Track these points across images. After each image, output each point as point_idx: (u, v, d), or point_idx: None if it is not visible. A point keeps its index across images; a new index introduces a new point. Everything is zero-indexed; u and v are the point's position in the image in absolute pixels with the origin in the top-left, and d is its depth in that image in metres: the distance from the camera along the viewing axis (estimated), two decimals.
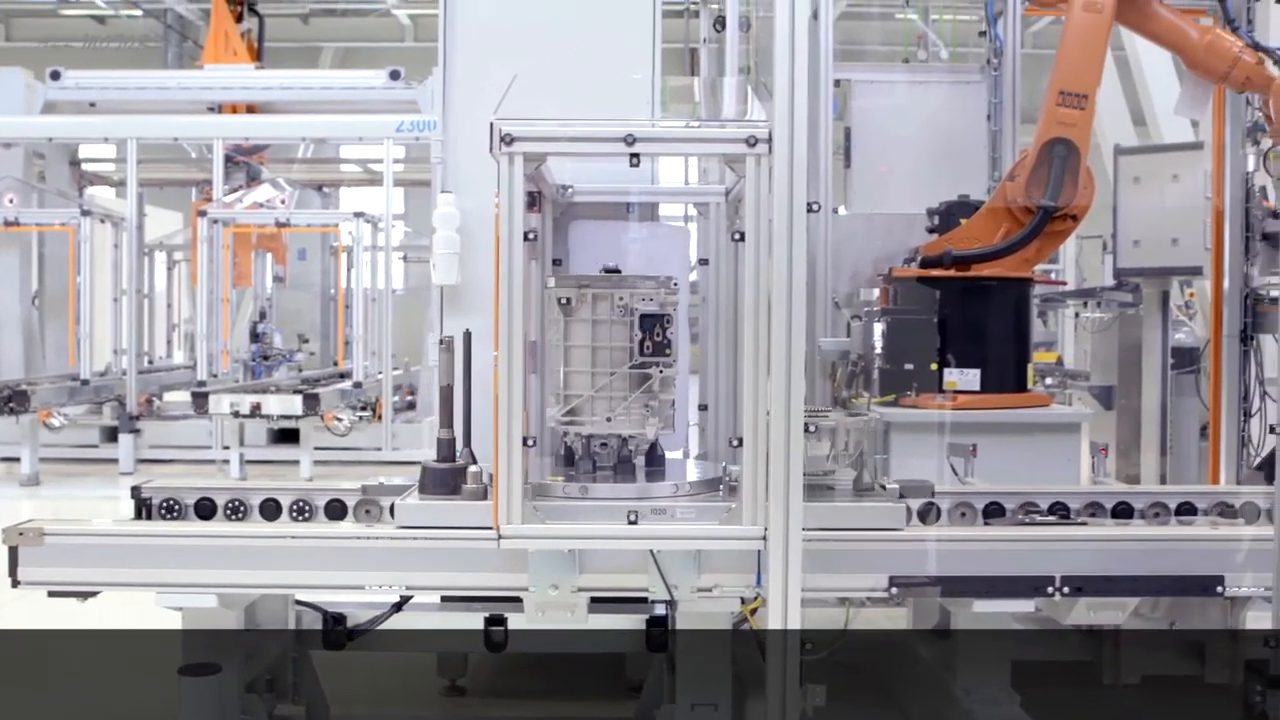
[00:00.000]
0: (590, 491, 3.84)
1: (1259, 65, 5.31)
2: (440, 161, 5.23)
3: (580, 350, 3.90)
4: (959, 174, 6.43)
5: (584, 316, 3.89)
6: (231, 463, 11.12)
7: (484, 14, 5.25)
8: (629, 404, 3.87)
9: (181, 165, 15.27)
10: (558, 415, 3.93)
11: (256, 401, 10.37)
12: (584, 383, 3.90)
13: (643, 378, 3.87)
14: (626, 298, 3.86)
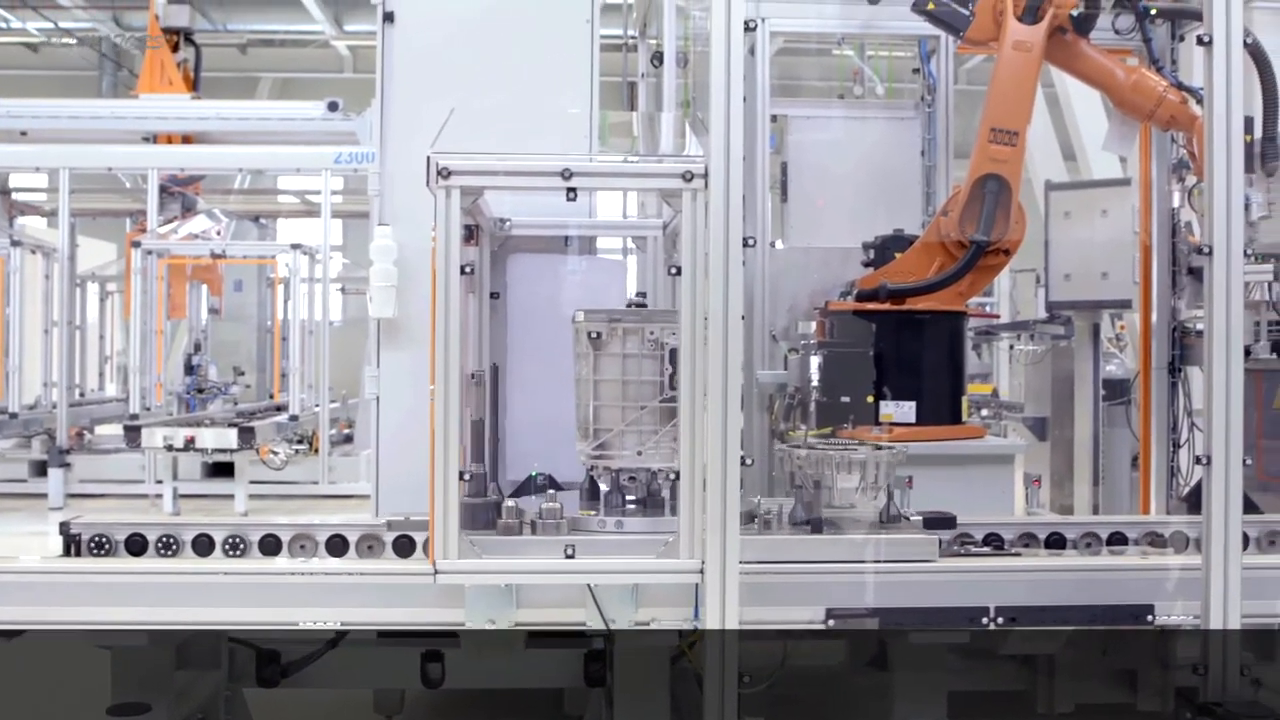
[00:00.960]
0: (626, 526, 3.88)
1: (1183, 104, 5.43)
2: (377, 194, 5.22)
3: (610, 384, 3.93)
4: (894, 208, 6.50)
5: (614, 350, 3.93)
6: (165, 497, 10.92)
7: (422, 47, 5.26)
8: (659, 437, 3.90)
9: (115, 195, 15.09)
10: (588, 449, 3.95)
11: (191, 435, 10.21)
12: (613, 416, 3.93)
13: (672, 411, 3.89)
14: (657, 332, 3.90)
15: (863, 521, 4.22)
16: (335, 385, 12.57)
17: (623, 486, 4.00)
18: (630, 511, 3.97)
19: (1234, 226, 3.79)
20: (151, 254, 11.71)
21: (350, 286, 17.21)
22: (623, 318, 3.95)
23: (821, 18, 6.79)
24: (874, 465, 4.17)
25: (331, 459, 12.04)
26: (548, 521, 3.91)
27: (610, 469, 3.98)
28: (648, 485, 4.01)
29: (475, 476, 3.98)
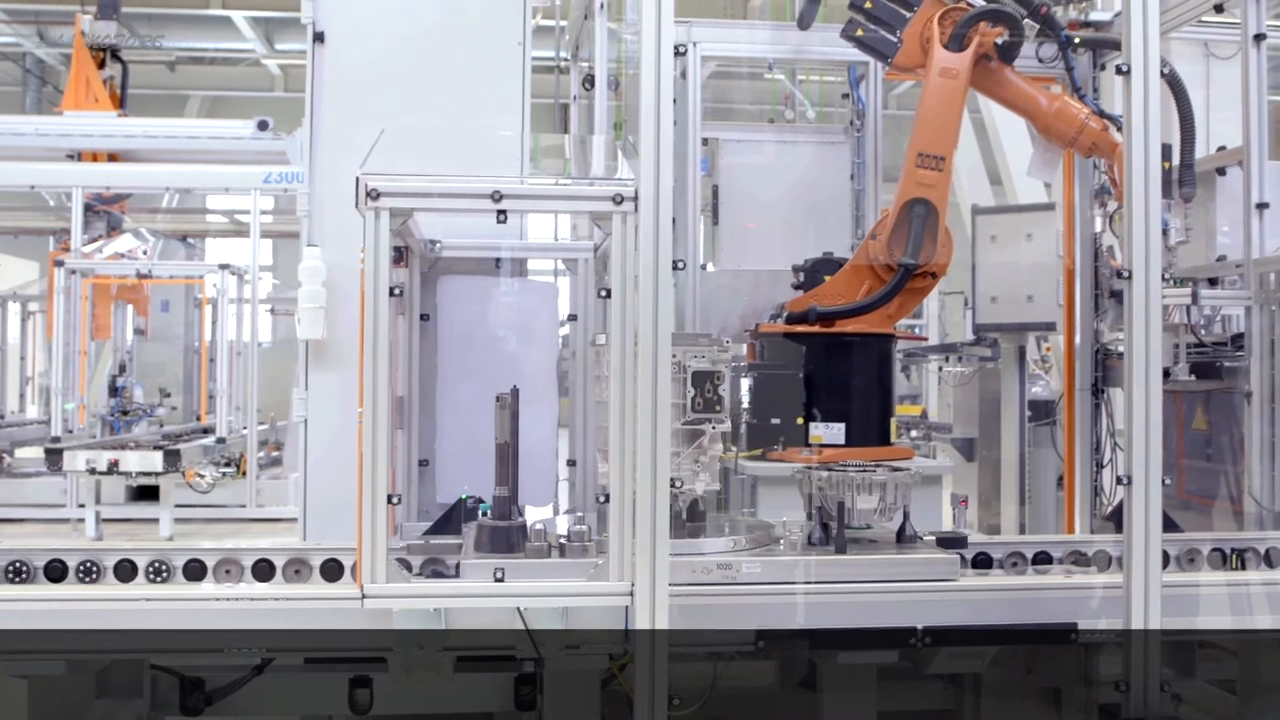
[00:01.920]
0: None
1: (1104, 131, 5.54)
2: (306, 214, 5.18)
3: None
4: (824, 231, 6.57)
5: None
6: (87, 522, 10.69)
7: (352, 67, 5.24)
8: (681, 460, 3.92)
9: (39, 213, 14.80)
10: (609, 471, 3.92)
11: (114, 458, 10.03)
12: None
13: (694, 433, 3.92)
14: (679, 355, 3.93)
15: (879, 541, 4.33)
16: (264, 407, 12.40)
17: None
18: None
19: (1152, 251, 3.87)
20: (75, 273, 11.51)
21: (280, 307, 17.02)
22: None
23: (752, 43, 6.85)
24: (893, 487, 4.26)
25: (260, 482, 11.87)
26: (574, 544, 3.91)
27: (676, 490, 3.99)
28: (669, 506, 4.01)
29: (500, 499, 3.97)
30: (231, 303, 12.44)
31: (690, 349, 4.00)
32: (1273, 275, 5.54)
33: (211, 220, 17.35)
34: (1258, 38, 5.63)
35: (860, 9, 5.63)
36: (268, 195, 12.36)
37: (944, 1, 5.49)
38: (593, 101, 6.15)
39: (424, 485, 4.89)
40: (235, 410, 12.20)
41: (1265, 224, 5.62)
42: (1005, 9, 5.47)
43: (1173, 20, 5.99)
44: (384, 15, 5.28)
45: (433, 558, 4.45)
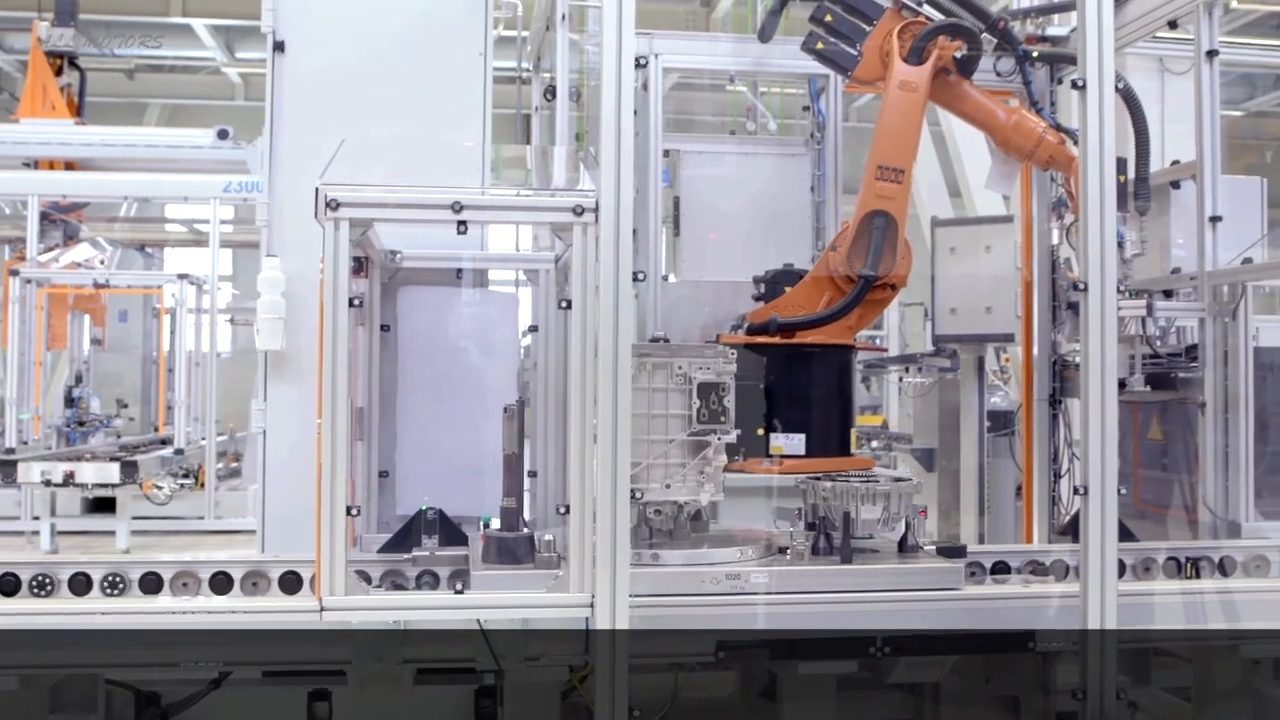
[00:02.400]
0: (662, 558, 3.96)
1: (1061, 145, 5.60)
2: (266, 224, 5.16)
3: (637, 418, 3.95)
4: (784, 243, 6.58)
5: (641, 385, 3.98)
6: (42, 534, 10.52)
7: (313, 77, 5.22)
8: (687, 471, 3.98)
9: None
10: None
11: (70, 469, 9.89)
12: (641, 450, 3.98)
13: (699, 445, 3.97)
14: (685, 366, 3.99)
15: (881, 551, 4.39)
16: (223, 418, 12.29)
17: (648, 519, 4.08)
18: (658, 544, 4.06)
19: (1107, 264, 3.92)
20: (31, 283, 11.36)
21: (239, 317, 16.84)
22: (652, 352, 4.05)
23: (714, 55, 6.87)
24: (897, 497, 4.32)
25: (218, 493, 11.74)
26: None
27: (638, 502, 4.03)
28: (674, 517, 4.11)
29: (508, 511, 4.00)
30: (190, 313, 12.31)
31: (696, 360, 4.07)
32: (1225, 287, 5.61)
33: (170, 230, 17.16)
34: (1210, 54, 5.71)
35: (821, 22, 5.67)
36: (227, 205, 12.22)
37: (903, 15, 5.54)
38: (554, 112, 6.15)
39: (384, 497, 4.87)
40: (194, 421, 12.07)
41: (1218, 237, 5.69)
42: (964, 23, 5.52)
43: (1127, 36, 6.06)
44: (345, 25, 5.27)
45: (393, 569, 4.43)
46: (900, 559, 4.30)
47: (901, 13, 5.56)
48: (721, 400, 4.06)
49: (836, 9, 5.64)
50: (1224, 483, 5.57)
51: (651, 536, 4.09)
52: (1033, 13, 6.38)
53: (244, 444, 12.89)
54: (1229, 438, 5.56)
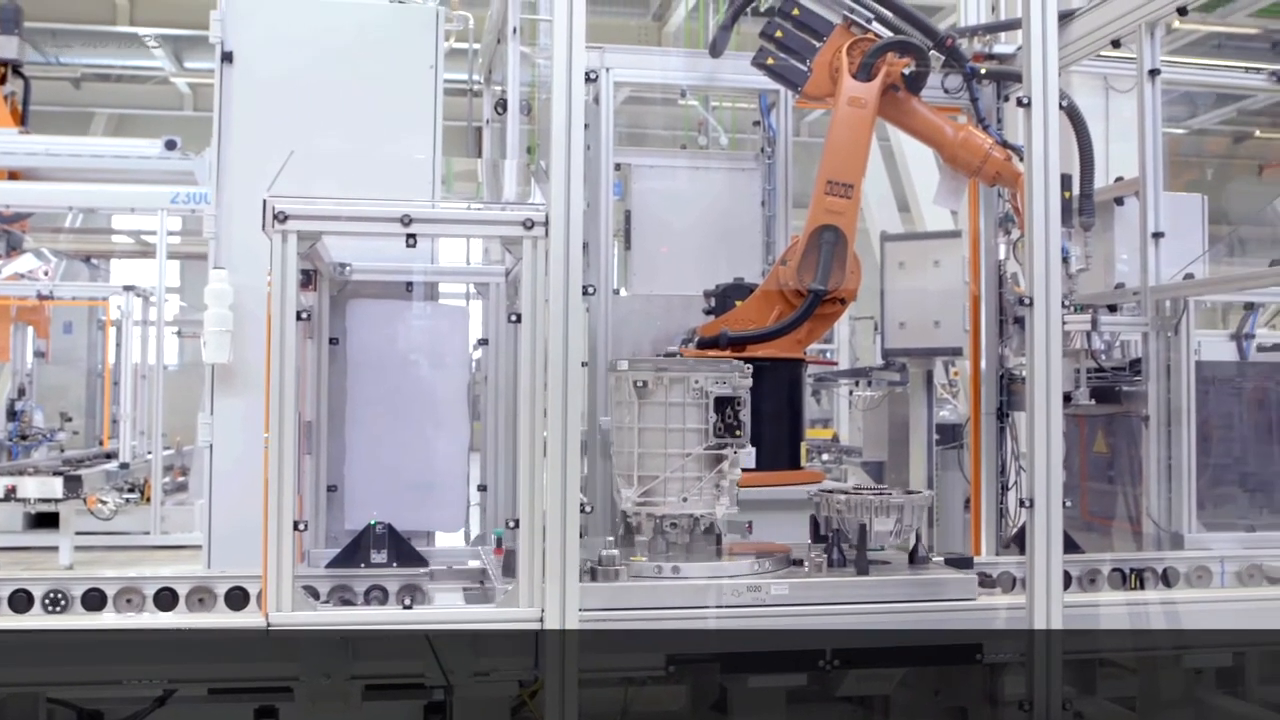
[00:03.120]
0: (682, 571, 3.97)
1: (1007, 161, 5.67)
2: (213, 236, 5.12)
3: (654, 433, 4.02)
4: (735, 257, 6.60)
5: (659, 399, 4.02)
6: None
7: (262, 88, 5.20)
8: (703, 484, 4.01)
9: None
10: (633, 496, 4.04)
11: (11, 484, 9.79)
12: (657, 464, 4.02)
13: (715, 459, 4.01)
14: (701, 380, 4.01)
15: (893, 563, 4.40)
16: (170, 431, 12.17)
17: (664, 532, 4.10)
18: (674, 555, 4.08)
19: (1052, 279, 3.97)
20: None
21: (187, 330, 16.72)
22: (669, 366, 4.07)
23: (666, 69, 6.89)
24: (910, 510, 4.33)
25: (165, 508, 11.63)
26: (608, 568, 3.93)
27: (654, 515, 4.08)
28: (689, 530, 4.11)
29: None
30: (136, 325, 12.20)
31: (713, 374, 4.08)
32: (1168, 302, 5.70)
33: (117, 241, 16.99)
34: (1152, 73, 5.79)
35: (771, 38, 5.71)
36: (175, 216, 12.12)
37: (853, 32, 5.59)
38: (506, 125, 6.14)
39: (332, 511, 4.84)
40: (139, 435, 11.96)
41: (1161, 252, 5.77)
42: (912, 40, 5.58)
43: (1072, 54, 6.14)
44: (295, 36, 5.25)
45: (341, 585, 4.40)
46: (912, 570, 4.33)
47: (851, 29, 5.61)
48: (737, 414, 4.10)
49: (787, 25, 5.68)
50: (1167, 495, 5.65)
51: (668, 550, 4.13)
52: (980, 30, 6.46)
53: (190, 458, 12.75)
54: (1172, 450, 5.63)
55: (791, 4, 5.65)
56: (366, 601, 4.27)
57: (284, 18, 5.26)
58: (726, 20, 6.25)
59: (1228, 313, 8.18)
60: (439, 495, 4.89)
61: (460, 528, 5.04)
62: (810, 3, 5.64)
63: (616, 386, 4.19)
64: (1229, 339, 6.54)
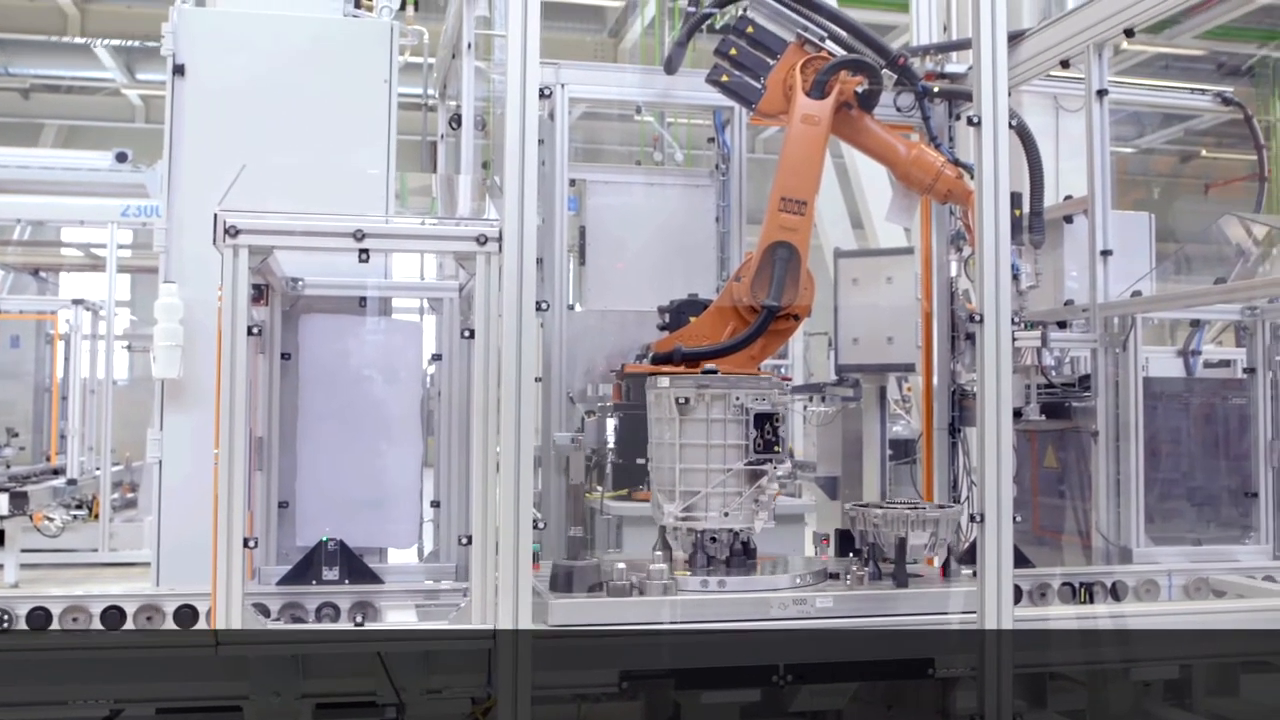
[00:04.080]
0: (727, 585, 4.05)
1: (959, 179, 5.73)
2: (164, 250, 5.07)
3: (695, 449, 4.12)
4: (690, 273, 6.63)
5: (700, 416, 4.13)
6: None
7: (214, 101, 5.16)
8: (744, 499, 4.10)
9: None
10: (675, 511, 4.11)
11: None
12: (698, 479, 4.11)
13: (754, 474, 4.09)
14: (742, 397, 4.13)
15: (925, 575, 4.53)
16: (119, 447, 12.02)
17: (704, 547, 4.18)
18: (715, 570, 4.15)
19: (1002, 296, 4.01)
20: None
21: (137, 344, 16.53)
22: (710, 383, 4.17)
23: (621, 85, 6.92)
24: (945, 524, 4.42)
25: (113, 525, 11.49)
26: (655, 582, 3.98)
27: (695, 530, 4.14)
28: (729, 545, 4.18)
29: (573, 540, 3.95)
30: (86, 339, 12.04)
31: (752, 391, 4.19)
32: (1116, 319, 5.77)
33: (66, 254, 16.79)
34: (1100, 93, 5.87)
35: (726, 55, 5.74)
36: (125, 229, 12.02)
37: (806, 50, 5.63)
38: (460, 140, 6.14)
39: (284, 528, 4.79)
40: (88, 451, 11.80)
41: (1109, 270, 5.84)
42: (865, 59, 5.62)
43: (1022, 74, 6.22)
44: (247, 49, 5.21)
45: (292, 602, 4.36)
46: (945, 584, 4.41)
47: (805, 48, 5.65)
48: (775, 430, 4.20)
49: (741, 43, 5.71)
50: (1116, 509, 5.71)
51: (709, 564, 4.18)
52: (931, 50, 6.53)
53: (140, 474, 12.59)
54: (1120, 465, 5.69)
55: (746, 22, 5.68)
56: (318, 619, 4.23)
57: (236, 31, 5.23)
58: (682, 37, 6.28)
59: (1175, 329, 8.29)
60: (392, 511, 4.86)
61: (413, 544, 5.00)
62: (764, 21, 5.68)
63: (656, 403, 4.30)
64: (1176, 355, 6.63)
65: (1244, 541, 5.88)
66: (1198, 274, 6.31)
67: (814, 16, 5.70)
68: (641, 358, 5.88)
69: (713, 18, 5.98)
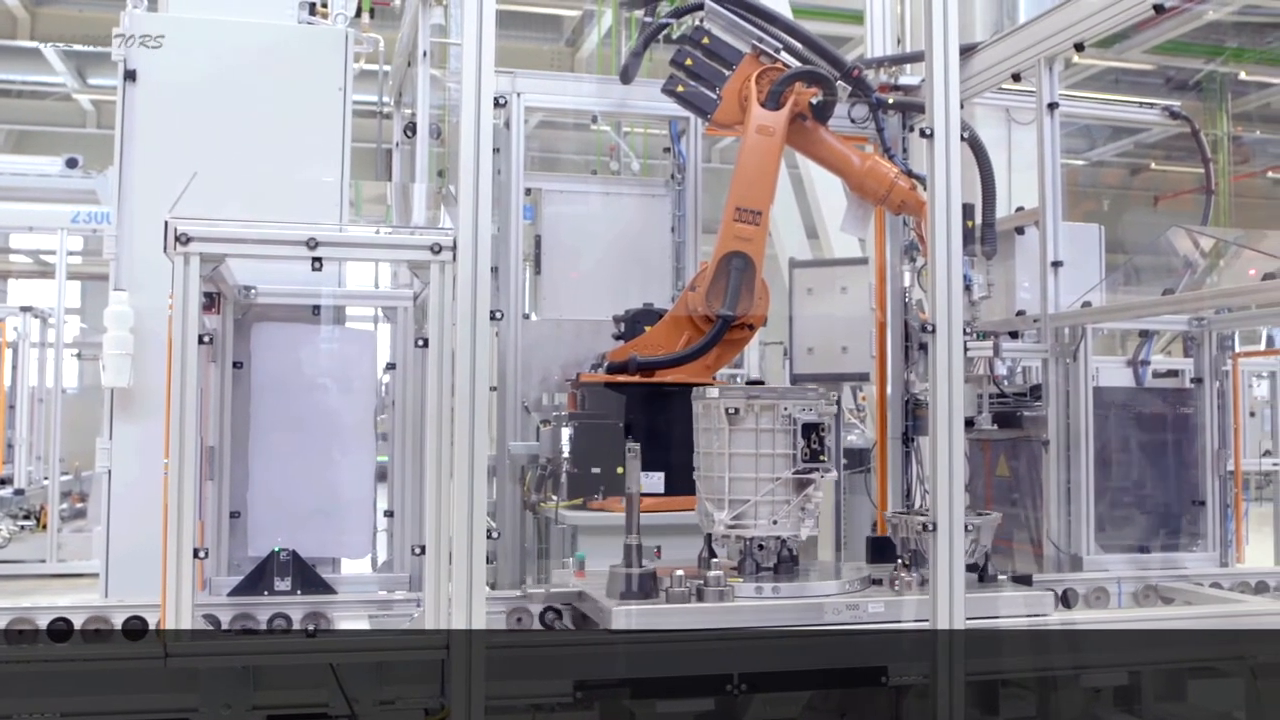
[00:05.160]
0: (781, 591, 4.15)
1: (912, 190, 5.78)
2: (114, 257, 5.02)
3: (744, 458, 4.21)
4: (645, 282, 6.65)
5: (749, 426, 4.20)
6: None
7: (166, 108, 5.12)
8: (791, 507, 4.21)
9: None
10: (726, 519, 4.23)
11: None
12: (748, 488, 4.20)
13: (802, 483, 4.20)
14: (789, 407, 4.20)
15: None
16: (68, 456, 11.86)
17: (754, 554, 4.29)
18: (763, 577, 4.24)
19: (955, 307, 4.03)
20: None
21: (87, 352, 16.35)
22: (760, 394, 4.23)
23: (578, 95, 6.93)
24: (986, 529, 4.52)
25: (62, 535, 11.33)
26: (712, 589, 4.04)
27: (744, 538, 4.26)
28: (777, 552, 4.30)
29: (629, 548, 4.12)
30: (34, 347, 11.89)
31: (799, 401, 4.25)
32: (1067, 329, 5.83)
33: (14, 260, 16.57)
34: (1051, 106, 5.94)
35: (681, 66, 5.77)
36: (75, 235, 11.88)
37: (761, 61, 5.67)
38: (415, 148, 6.12)
39: (235, 538, 4.74)
40: (36, 460, 11.65)
41: (1060, 281, 5.90)
42: (820, 70, 5.67)
43: (974, 87, 6.28)
44: (200, 56, 5.17)
45: (243, 613, 4.32)
46: (981, 589, 4.44)
47: (760, 59, 5.69)
48: (822, 440, 4.27)
49: (697, 53, 5.74)
50: (1066, 517, 5.76)
51: (758, 572, 4.29)
52: (885, 62, 6.58)
53: (89, 484, 12.45)
54: (1071, 474, 5.75)
55: (701, 33, 5.72)
56: (270, 630, 4.20)
57: (189, 37, 5.18)
58: (638, 47, 6.31)
59: (1125, 340, 8.39)
60: (345, 521, 4.83)
61: (366, 554, 4.97)
62: (720, 32, 5.72)
63: (704, 413, 4.37)
64: (1126, 365, 6.70)
65: (1191, 549, 5.95)
66: (1147, 285, 6.38)
67: (769, 28, 5.74)
68: (597, 367, 5.89)
69: (669, 28, 6.01)
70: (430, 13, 6.04)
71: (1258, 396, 13.06)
